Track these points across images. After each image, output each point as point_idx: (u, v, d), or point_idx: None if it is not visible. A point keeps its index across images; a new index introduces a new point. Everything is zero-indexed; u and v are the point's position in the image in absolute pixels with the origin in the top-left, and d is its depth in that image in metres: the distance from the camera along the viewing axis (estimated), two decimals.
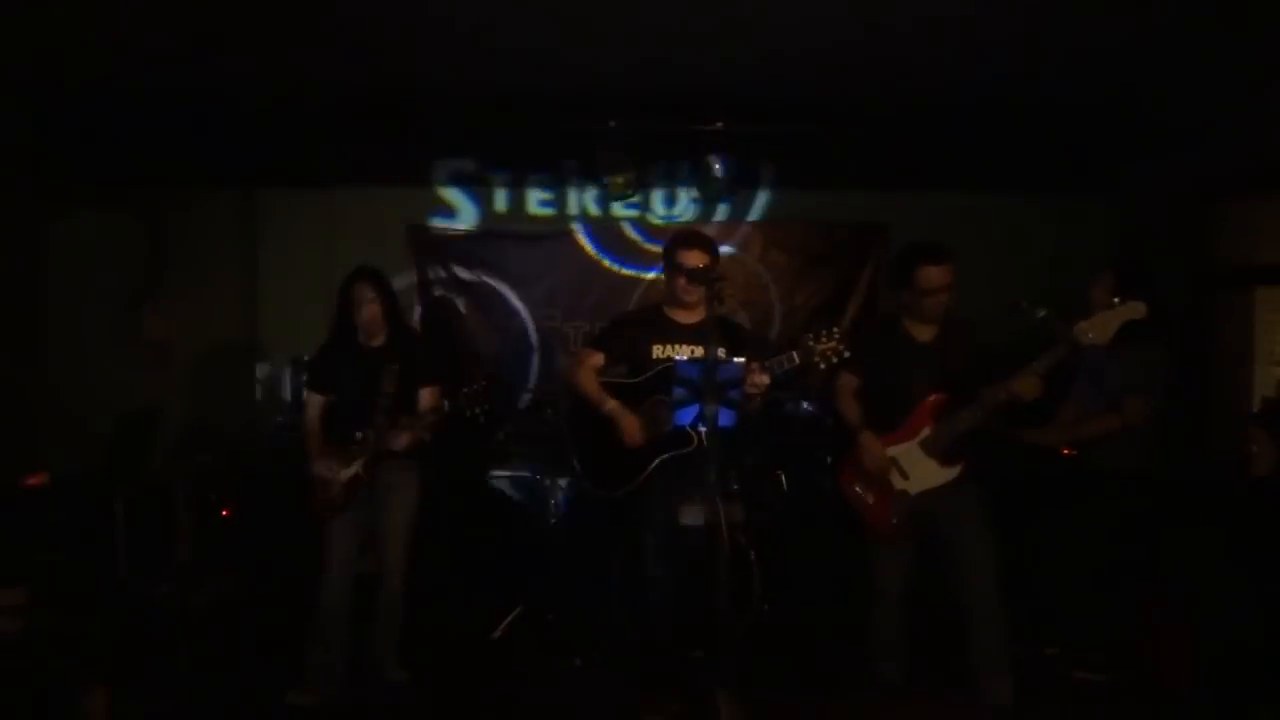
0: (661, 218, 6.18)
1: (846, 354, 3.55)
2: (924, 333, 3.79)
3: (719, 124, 5.63)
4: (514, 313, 6.09)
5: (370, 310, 3.86)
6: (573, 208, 6.16)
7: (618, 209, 6.13)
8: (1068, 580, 4.17)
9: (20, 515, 4.42)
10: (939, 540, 3.79)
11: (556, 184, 6.11)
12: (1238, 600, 3.74)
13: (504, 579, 4.95)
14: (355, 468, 3.80)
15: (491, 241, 6.07)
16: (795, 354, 3.54)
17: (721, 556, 2.93)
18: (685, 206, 6.18)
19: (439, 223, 6.06)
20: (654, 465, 3.71)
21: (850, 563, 4.53)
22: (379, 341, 3.94)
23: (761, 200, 6.21)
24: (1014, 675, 3.77)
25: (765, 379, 3.49)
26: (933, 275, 3.66)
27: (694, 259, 3.68)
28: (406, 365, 3.88)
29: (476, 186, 6.07)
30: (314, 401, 4.00)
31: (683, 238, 3.84)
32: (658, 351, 3.82)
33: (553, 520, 5.02)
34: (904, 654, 3.94)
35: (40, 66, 4.82)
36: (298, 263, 5.84)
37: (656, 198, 6.18)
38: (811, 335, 3.55)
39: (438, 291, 6.03)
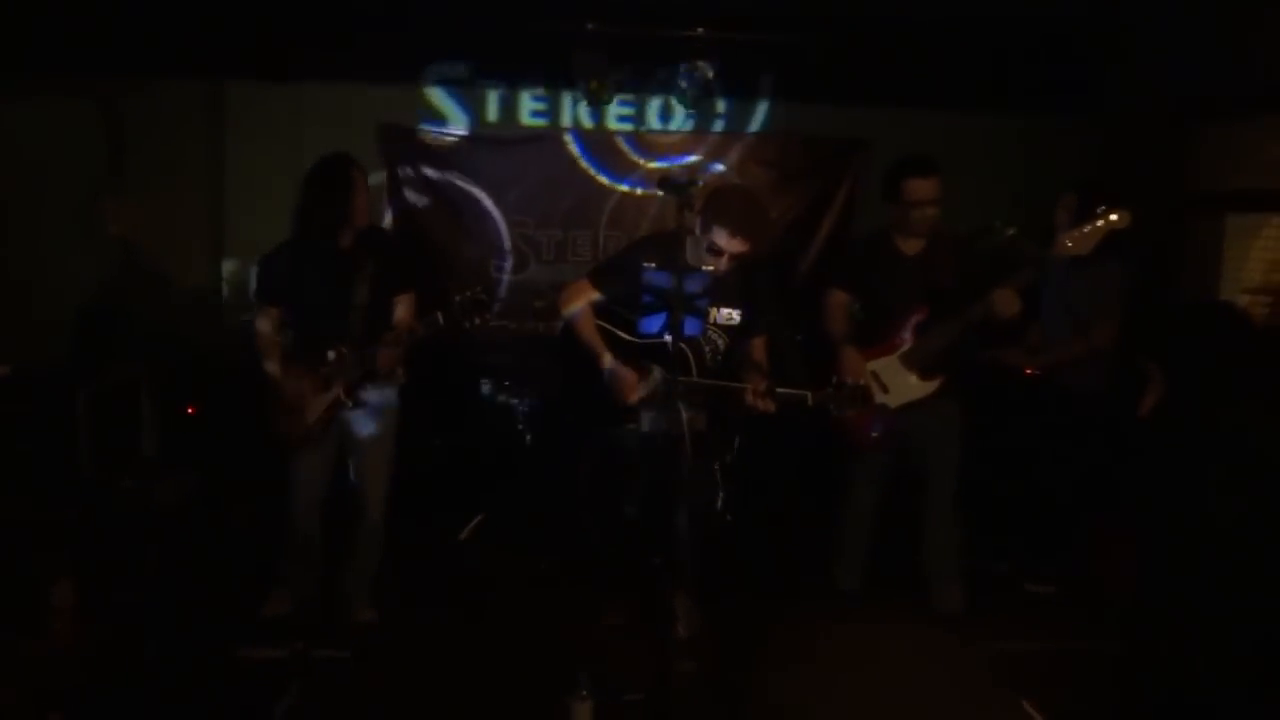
0: (657, 130, 6.06)
1: (861, 409, 3.34)
2: (911, 247, 3.79)
3: (699, 30, 5.50)
4: (487, 217, 6.00)
5: (365, 200, 3.42)
6: (566, 118, 6.00)
7: (612, 122, 5.99)
8: (1024, 496, 4.28)
9: None
10: (909, 452, 3.86)
11: (549, 92, 5.92)
12: (1182, 512, 3.86)
13: (470, 483, 5.00)
14: (334, 392, 3.41)
15: (465, 143, 5.95)
16: (810, 397, 3.31)
17: (683, 464, 2.96)
18: (682, 120, 6.05)
19: (426, 128, 5.89)
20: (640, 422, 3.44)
21: (814, 474, 4.62)
22: (346, 242, 3.45)
23: (761, 113, 6.09)
24: (964, 586, 3.90)
25: (770, 407, 3.28)
26: (919, 188, 3.65)
27: (733, 244, 3.28)
28: (380, 270, 3.46)
29: (466, 91, 5.88)
30: (269, 315, 3.51)
31: (725, 212, 3.31)
32: None
33: (520, 428, 5.05)
34: (864, 563, 4.05)
35: None
36: (264, 157, 5.70)
37: (652, 109, 6.04)
38: (833, 388, 3.32)
39: (409, 194, 5.93)
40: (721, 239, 3.30)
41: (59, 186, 5.48)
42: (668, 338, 2.90)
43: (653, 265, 3.42)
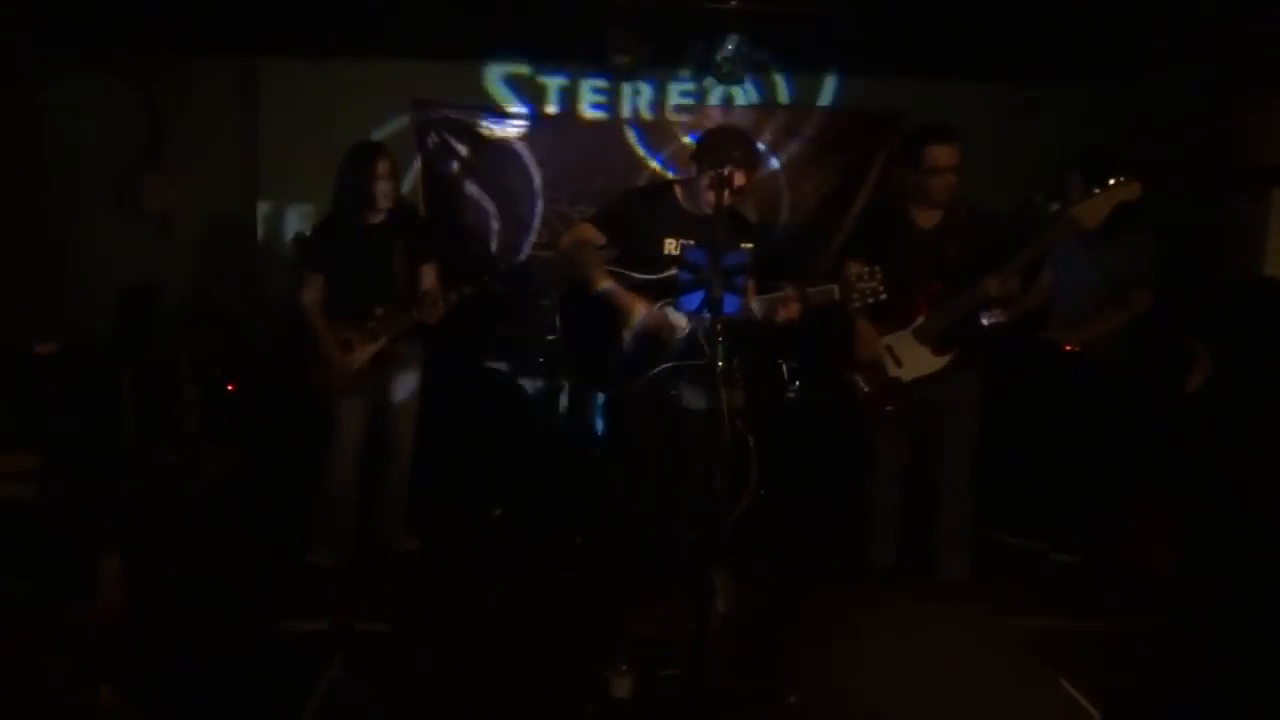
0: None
1: (884, 296, 3.32)
2: (928, 219, 3.76)
3: (733, 2, 5.43)
4: (519, 193, 5.99)
5: (390, 185, 3.92)
6: (626, 110, 5.97)
7: (671, 115, 5.96)
8: (1055, 467, 4.26)
9: (31, 382, 4.47)
10: (926, 426, 3.86)
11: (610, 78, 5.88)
12: (1218, 491, 3.82)
13: (503, 465, 5.03)
14: (381, 343, 3.93)
15: (498, 120, 5.93)
16: (836, 289, 3.34)
17: (722, 441, 2.95)
18: (718, 97, 5.97)
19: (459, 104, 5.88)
20: (658, 370, 3.51)
21: (847, 450, 4.61)
22: (380, 218, 3.98)
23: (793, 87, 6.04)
24: (973, 554, 3.93)
25: (796, 310, 3.35)
26: (939, 154, 3.62)
27: (736, 176, 3.25)
28: (410, 241, 4.01)
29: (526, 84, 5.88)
30: (314, 281, 4.01)
31: (724, 142, 3.37)
32: (670, 246, 3.48)
33: (562, 412, 5.09)
34: (897, 535, 4.05)
35: None
36: (299, 135, 5.72)
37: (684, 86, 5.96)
38: (856, 272, 3.31)
39: (440, 168, 5.91)
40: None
41: (98, 165, 5.54)
42: (706, 315, 2.90)
43: (640, 212, 3.50)
